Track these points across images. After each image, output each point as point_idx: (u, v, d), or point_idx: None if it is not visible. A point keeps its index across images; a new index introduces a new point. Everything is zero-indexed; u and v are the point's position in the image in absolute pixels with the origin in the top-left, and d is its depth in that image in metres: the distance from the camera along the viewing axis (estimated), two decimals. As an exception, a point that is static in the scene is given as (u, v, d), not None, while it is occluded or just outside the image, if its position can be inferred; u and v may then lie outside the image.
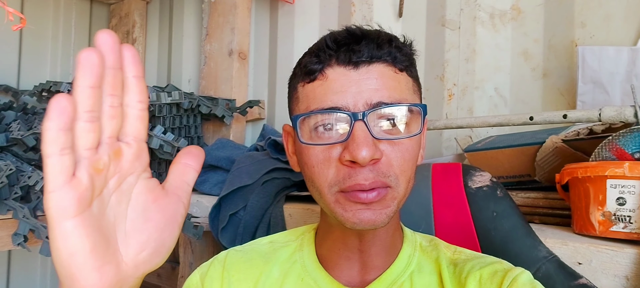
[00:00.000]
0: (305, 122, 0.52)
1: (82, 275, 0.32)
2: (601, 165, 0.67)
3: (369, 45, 0.51)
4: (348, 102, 0.50)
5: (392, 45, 0.53)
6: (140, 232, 0.35)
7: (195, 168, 0.39)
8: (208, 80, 1.71)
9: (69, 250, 0.31)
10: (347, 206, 0.49)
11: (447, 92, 1.29)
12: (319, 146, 0.51)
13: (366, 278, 0.56)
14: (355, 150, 0.47)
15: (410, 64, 0.54)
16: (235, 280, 0.60)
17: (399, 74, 0.53)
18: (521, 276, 0.50)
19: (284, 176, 1.13)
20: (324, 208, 0.53)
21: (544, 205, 0.84)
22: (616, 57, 0.97)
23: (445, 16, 1.29)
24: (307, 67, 0.53)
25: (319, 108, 0.51)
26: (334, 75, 0.51)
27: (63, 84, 1.45)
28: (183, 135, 1.46)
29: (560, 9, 1.11)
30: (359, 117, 0.48)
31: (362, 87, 0.50)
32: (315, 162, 0.51)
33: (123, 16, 2.13)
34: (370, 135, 0.48)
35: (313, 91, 0.52)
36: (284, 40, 1.67)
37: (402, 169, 0.50)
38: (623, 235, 0.65)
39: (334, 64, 0.52)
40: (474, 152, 1.00)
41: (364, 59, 0.51)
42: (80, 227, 0.31)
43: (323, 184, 0.50)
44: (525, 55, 1.17)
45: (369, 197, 0.48)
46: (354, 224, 0.49)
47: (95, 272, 0.32)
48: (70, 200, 0.30)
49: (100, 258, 0.32)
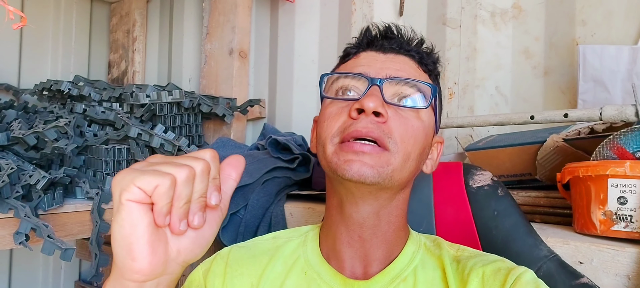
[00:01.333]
0: (332, 81, 0.58)
1: (138, 247, 0.37)
2: (602, 164, 0.67)
3: (401, 39, 0.60)
4: (370, 71, 0.56)
5: (422, 46, 0.61)
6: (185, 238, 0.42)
7: (235, 178, 0.45)
8: (208, 79, 1.71)
9: (132, 221, 0.37)
10: (341, 155, 0.52)
11: (448, 91, 1.28)
12: (337, 102, 0.56)
13: (369, 270, 0.57)
14: (363, 100, 0.52)
15: (434, 70, 0.61)
16: (237, 275, 0.60)
17: (422, 72, 0.59)
18: (524, 274, 0.50)
19: (284, 175, 1.13)
20: (325, 166, 0.55)
21: (545, 204, 0.84)
22: (617, 56, 0.97)
23: (446, 14, 1.29)
24: (345, 52, 0.62)
25: (346, 72, 0.57)
26: (365, 56, 0.59)
27: (64, 83, 1.45)
28: (184, 134, 1.46)
29: (561, 7, 1.11)
30: (376, 82, 0.54)
31: (386, 65, 0.56)
32: (328, 116, 0.55)
33: (123, 15, 2.13)
34: (381, 96, 0.53)
35: (345, 67, 0.60)
36: (284, 39, 1.67)
37: (403, 139, 0.53)
38: (624, 234, 0.65)
39: (367, 49, 0.60)
40: (475, 151, 1.00)
41: (393, 48, 0.58)
42: (143, 206, 0.37)
43: (327, 136, 0.54)
44: (526, 54, 1.17)
45: (362, 147, 0.51)
46: (344, 172, 0.51)
47: (149, 246, 0.38)
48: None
49: (154, 235, 0.38)
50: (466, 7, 1.26)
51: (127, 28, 2.11)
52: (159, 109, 1.39)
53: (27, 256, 1.95)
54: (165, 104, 1.40)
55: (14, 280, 1.93)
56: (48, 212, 1.06)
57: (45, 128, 1.17)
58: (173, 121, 1.43)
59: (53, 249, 0.95)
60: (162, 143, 1.30)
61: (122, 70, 2.12)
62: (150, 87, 1.42)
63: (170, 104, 1.41)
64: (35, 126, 1.23)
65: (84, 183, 1.21)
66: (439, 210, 0.73)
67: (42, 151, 1.18)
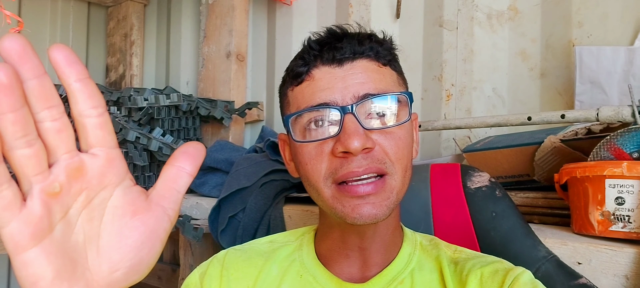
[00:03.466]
0: (297, 121, 0.53)
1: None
2: (600, 165, 0.67)
3: (351, 42, 0.53)
4: (336, 97, 0.51)
5: (373, 40, 0.55)
6: (115, 250, 0.32)
7: (190, 172, 0.34)
8: (206, 83, 1.71)
9: (31, 279, 0.29)
10: (345, 201, 0.50)
11: (445, 93, 1.29)
12: (312, 143, 0.52)
13: (366, 274, 0.57)
14: (347, 141, 0.48)
15: (392, 58, 0.56)
16: (234, 278, 0.60)
17: (383, 68, 0.54)
18: (522, 275, 0.50)
19: (283, 177, 1.12)
20: (323, 206, 0.54)
21: (543, 205, 0.84)
22: (613, 57, 0.97)
23: (442, 17, 1.30)
24: (294, 71, 0.55)
25: (309, 106, 0.52)
26: (320, 74, 0.53)
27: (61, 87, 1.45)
28: (182, 138, 1.46)
29: (557, 8, 1.12)
30: (348, 110, 0.49)
31: (348, 82, 0.51)
32: (308, 159, 0.52)
33: (121, 19, 2.13)
34: (360, 126, 0.49)
35: (301, 92, 0.54)
36: (282, 41, 1.67)
37: (398, 157, 0.51)
38: (622, 234, 0.65)
39: (319, 64, 0.53)
40: (473, 152, 1.00)
41: (347, 56, 0.53)
42: (40, 256, 0.29)
43: (318, 179, 0.51)
44: (523, 56, 1.17)
45: (366, 189, 0.49)
46: (354, 219, 0.49)
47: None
48: (23, 233, 0.28)
49: (66, 283, 0.30)
50: (462, 9, 1.26)
51: (124, 32, 2.11)
52: (157, 112, 1.39)
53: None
54: (163, 107, 1.40)
55: (12, 284, 1.93)
56: (46, 216, 1.05)
57: (43, 132, 1.17)
58: (171, 124, 1.43)
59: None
60: (160, 146, 1.30)
61: (120, 74, 2.12)
62: (148, 91, 1.42)
63: (168, 107, 1.41)
64: (32, 130, 1.22)
65: (81, 187, 1.21)
66: (436, 212, 0.73)
67: (40, 155, 1.17)
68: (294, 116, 0.53)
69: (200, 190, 1.34)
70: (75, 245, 0.31)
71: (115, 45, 2.15)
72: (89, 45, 2.16)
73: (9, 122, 0.26)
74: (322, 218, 0.60)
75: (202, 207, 1.26)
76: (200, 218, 1.25)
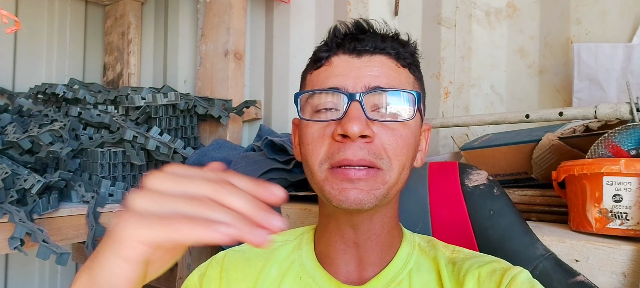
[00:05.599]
0: (307, 102, 0.54)
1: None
2: (597, 163, 0.67)
3: (374, 37, 0.55)
4: (348, 84, 0.52)
5: (396, 40, 0.56)
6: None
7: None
8: (204, 81, 1.71)
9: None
10: (334, 183, 0.50)
11: (444, 90, 1.29)
12: (317, 123, 0.53)
13: (364, 275, 0.57)
14: (347, 124, 0.48)
15: (413, 62, 0.57)
16: (233, 279, 0.59)
17: (401, 69, 0.55)
18: (520, 275, 0.50)
19: (281, 176, 1.12)
20: (314, 187, 0.54)
21: (541, 203, 0.84)
22: (612, 54, 0.97)
23: (440, 14, 1.29)
24: (316, 55, 0.57)
25: (321, 88, 0.53)
26: (338, 61, 0.54)
27: (59, 86, 1.45)
28: (179, 136, 1.46)
29: (555, 5, 1.11)
30: (355, 98, 0.50)
31: (363, 72, 0.52)
32: (310, 139, 0.53)
33: (118, 17, 2.12)
34: (363, 114, 0.50)
35: (318, 76, 0.55)
36: (279, 39, 1.67)
37: (396, 154, 0.51)
38: (620, 232, 0.65)
39: (339, 52, 0.55)
40: (471, 150, 1.00)
41: (367, 49, 0.54)
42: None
43: (314, 161, 0.52)
44: (521, 53, 1.17)
45: (356, 174, 0.49)
46: (340, 202, 0.50)
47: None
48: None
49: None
50: (461, 6, 1.26)
51: (121, 30, 2.10)
52: (154, 111, 1.39)
53: (23, 261, 1.94)
54: (160, 106, 1.40)
55: (10, 285, 1.92)
56: (43, 216, 1.05)
57: (40, 132, 1.17)
58: (169, 123, 1.43)
59: (48, 254, 0.95)
60: (157, 145, 1.30)
61: (117, 73, 2.11)
62: (145, 90, 1.42)
63: (165, 106, 1.41)
64: (29, 130, 1.22)
65: (79, 186, 1.20)
66: (434, 210, 0.73)
67: (37, 155, 1.17)
68: (304, 94, 0.55)
69: (198, 189, 1.34)
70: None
71: (113, 43, 2.14)
72: (86, 43, 2.15)
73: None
74: (321, 213, 0.60)
75: (200, 206, 1.26)
76: (198, 217, 1.25)
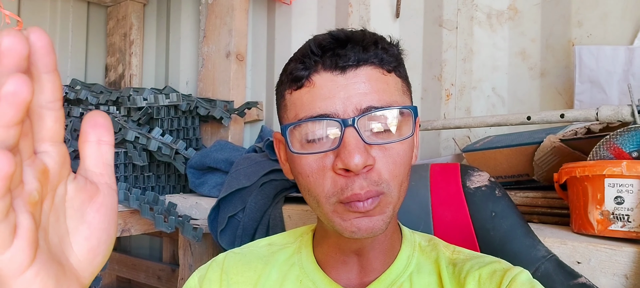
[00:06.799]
0: (295, 131, 0.51)
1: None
2: (599, 164, 0.67)
3: (355, 48, 0.50)
4: (337, 108, 0.48)
5: (379, 46, 0.52)
6: (89, 239, 0.31)
7: (110, 142, 0.32)
8: (206, 82, 1.71)
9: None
10: (345, 215, 0.49)
11: (445, 92, 1.29)
12: (312, 155, 0.50)
13: (365, 279, 0.56)
14: (348, 158, 0.46)
15: (398, 64, 0.54)
16: (233, 282, 0.59)
17: (388, 75, 0.52)
18: (520, 275, 0.50)
19: (282, 177, 1.12)
20: (321, 217, 0.53)
21: (543, 205, 0.84)
22: (613, 56, 0.97)
23: (442, 16, 1.30)
24: (294, 74, 0.52)
25: (308, 116, 0.49)
26: (321, 81, 0.50)
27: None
28: (181, 137, 1.46)
29: (557, 8, 1.12)
30: (349, 123, 0.47)
31: (351, 91, 0.49)
32: (309, 172, 0.50)
33: (120, 18, 2.12)
34: (361, 141, 0.47)
35: (301, 99, 0.51)
36: (281, 41, 1.67)
37: (393, 174, 0.50)
38: (621, 234, 0.65)
39: (320, 69, 0.50)
40: (472, 152, 1.00)
41: (350, 63, 0.49)
42: (40, 270, 0.26)
43: (320, 194, 0.50)
44: (523, 55, 1.17)
45: (365, 206, 0.48)
46: (352, 233, 0.49)
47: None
48: (23, 251, 0.25)
49: (65, 285, 0.29)
50: (462, 8, 1.26)
51: (124, 31, 2.11)
52: (156, 112, 1.39)
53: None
54: (162, 107, 1.40)
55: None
56: (45, 216, 1.05)
57: (42, 132, 1.17)
58: (170, 124, 1.43)
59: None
60: (159, 146, 1.30)
61: (119, 74, 2.12)
62: (147, 91, 1.42)
63: (167, 107, 1.41)
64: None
65: (81, 187, 1.20)
66: (436, 211, 0.73)
67: (39, 155, 1.17)
68: (293, 126, 0.51)
69: (199, 190, 1.34)
70: (55, 249, 0.29)
71: (115, 44, 2.15)
72: (88, 44, 2.16)
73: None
74: (319, 221, 0.60)
75: (201, 207, 1.26)
76: (199, 218, 1.25)
